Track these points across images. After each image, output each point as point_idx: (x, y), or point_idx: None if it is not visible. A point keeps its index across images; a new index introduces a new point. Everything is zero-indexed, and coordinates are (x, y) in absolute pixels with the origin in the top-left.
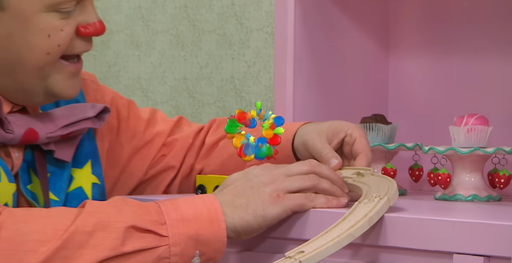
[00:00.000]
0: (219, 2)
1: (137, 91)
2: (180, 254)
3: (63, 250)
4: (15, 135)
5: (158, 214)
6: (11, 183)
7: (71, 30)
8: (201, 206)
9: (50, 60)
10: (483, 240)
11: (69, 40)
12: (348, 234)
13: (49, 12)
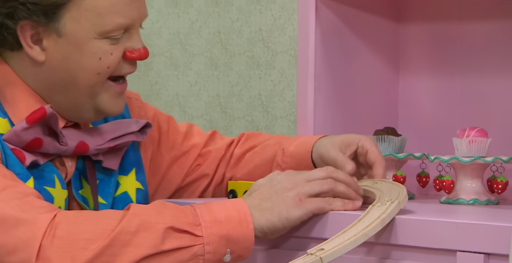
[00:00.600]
0: (248, 28)
1: (175, 107)
2: (213, 252)
3: (110, 248)
4: (69, 147)
5: (193, 217)
6: (64, 190)
7: (119, 54)
8: (232, 209)
9: (100, 80)
10: (483, 239)
11: (117, 63)
12: (363, 234)
13: (100, 39)
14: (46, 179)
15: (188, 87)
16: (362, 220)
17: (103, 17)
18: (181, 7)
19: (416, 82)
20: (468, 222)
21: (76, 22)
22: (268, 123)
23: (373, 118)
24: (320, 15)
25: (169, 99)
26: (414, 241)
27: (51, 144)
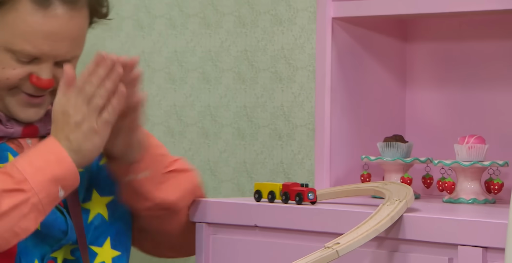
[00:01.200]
0: (271, 46)
1: (207, 116)
2: (47, 196)
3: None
4: (15, 129)
5: (18, 174)
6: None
7: (23, 73)
8: (48, 153)
9: (2, 86)
10: (482, 234)
11: (18, 80)
12: (374, 229)
13: (7, 52)
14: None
15: (218, 99)
16: (374, 217)
17: (15, 38)
18: (212, 28)
19: (421, 94)
20: (468, 219)
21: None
22: (289, 131)
23: (383, 126)
24: (335, 35)
25: (201, 109)
26: (419, 236)
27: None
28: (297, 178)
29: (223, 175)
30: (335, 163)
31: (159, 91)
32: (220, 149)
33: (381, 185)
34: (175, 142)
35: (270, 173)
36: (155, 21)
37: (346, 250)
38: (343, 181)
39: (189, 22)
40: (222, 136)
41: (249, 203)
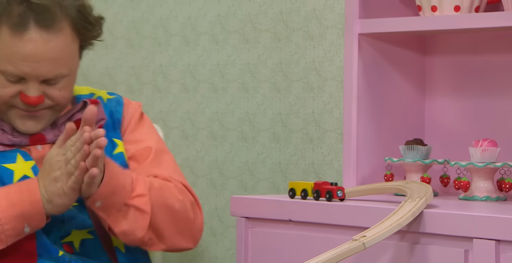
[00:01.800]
0: (304, 59)
1: (246, 122)
2: (12, 229)
3: None
4: (22, 138)
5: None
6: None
7: (13, 91)
8: (25, 193)
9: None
10: (494, 228)
11: (9, 97)
12: (397, 224)
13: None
14: (7, 157)
15: (256, 107)
16: (397, 213)
17: (1, 59)
18: (251, 43)
19: (439, 102)
20: (482, 215)
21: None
22: (319, 135)
23: (404, 131)
24: (362, 49)
25: (241, 116)
26: (438, 229)
27: (3, 136)
28: (327, 178)
29: (260, 174)
30: (361, 164)
31: (203, 100)
32: (257, 151)
33: (403, 184)
34: (217, 145)
35: (302, 173)
36: (200, 37)
37: (371, 242)
38: (368, 180)
39: (230, 38)
40: (259, 140)
41: (284, 200)
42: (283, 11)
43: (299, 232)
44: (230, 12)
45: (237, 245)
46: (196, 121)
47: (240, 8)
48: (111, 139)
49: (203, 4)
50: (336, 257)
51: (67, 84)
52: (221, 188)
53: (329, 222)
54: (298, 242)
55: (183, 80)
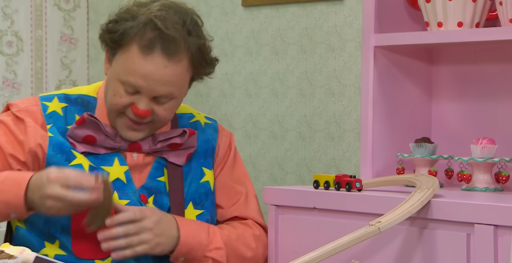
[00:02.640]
0: (326, 68)
1: (276, 123)
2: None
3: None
4: (122, 144)
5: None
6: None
7: (127, 101)
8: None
9: (113, 109)
10: (493, 215)
11: (123, 106)
12: (408, 211)
13: (119, 83)
14: (105, 160)
15: (284, 109)
16: (408, 202)
17: (124, 72)
18: (280, 55)
19: (444, 106)
20: (481, 203)
21: (117, 62)
22: (339, 134)
23: (414, 131)
24: (377, 60)
25: (271, 118)
26: (444, 216)
27: (106, 141)
28: (346, 171)
29: (288, 168)
30: (376, 159)
31: (238, 104)
32: (285, 148)
33: (413, 176)
34: (251, 143)
35: (325, 167)
36: (236, 49)
37: (386, 227)
38: (382, 173)
39: (262, 50)
40: (287, 138)
41: (309, 190)
42: (308, 27)
43: (322, 218)
44: (262, 28)
45: (269, 229)
46: (232, 122)
47: (271, 25)
48: (201, 167)
49: (239, 21)
50: (355, 240)
51: (173, 106)
52: (254, 180)
53: (348, 210)
54: (321, 227)
55: (221, 87)
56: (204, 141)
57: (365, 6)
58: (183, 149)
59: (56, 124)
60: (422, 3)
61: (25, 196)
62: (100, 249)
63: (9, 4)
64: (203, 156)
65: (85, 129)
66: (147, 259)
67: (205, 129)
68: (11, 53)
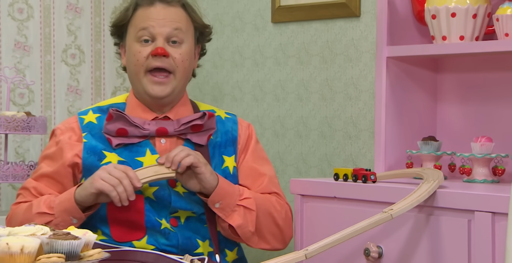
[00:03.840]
0: (344, 76)
1: (300, 124)
2: (62, 220)
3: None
4: (150, 131)
5: (51, 202)
6: (153, 155)
7: (146, 52)
8: (68, 194)
9: (138, 70)
10: (491, 203)
11: (144, 58)
12: (417, 200)
13: (136, 42)
14: (139, 152)
15: (308, 112)
16: (416, 192)
17: (136, 28)
18: (304, 64)
19: (447, 108)
20: (481, 193)
21: (129, 33)
22: (356, 133)
23: (421, 130)
24: (389, 69)
25: (297, 119)
26: (448, 204)
27: (136, 130)
28: (362, 165)
29: (311, 163)
30: (388, 155)
31: (268, 107)
32: (309, 145)
33: (420, 170)
34: (279, 141)
35: (343, 162)
36: (266, 60)
37: (397, 214)
38: (394, 167)
39: (289, 61)
40: (311, 137)
41: (330, 182)
42: (329, 40)
43: (341, 206)
44: (289, 41)
45: (295, 215)
46: (263, 122)
47: (296, 39)
48: (221, 155)
49: (269, 36)
50: (370, 225)
51: (185, 51)
52: (282, 173)
53: (364, 199)
54: (341, 214)
55: (253, 92)
56: (224, 133)
57: (379, 22)
58: (204, 131)
59: (91, 131)
60: (429, 19)
61: (74, 197)
62: (134, 232)
63: (73, 22)
64: (224, 145)
65: (115, 123)
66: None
67: (225, 122)
68: (74, 64)
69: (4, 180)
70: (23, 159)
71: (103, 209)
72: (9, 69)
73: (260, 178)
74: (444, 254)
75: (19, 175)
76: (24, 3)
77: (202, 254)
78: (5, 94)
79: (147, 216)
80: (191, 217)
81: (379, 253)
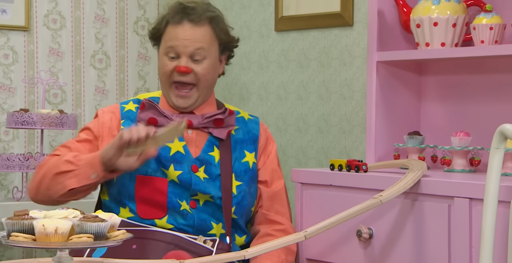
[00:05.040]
0: (339, 78)
1: (300, 120)
2: (83, 171)
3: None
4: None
5: (79, 155)
6: (180, 142)
7: (171, 66)
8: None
9: (165, 80)
10: (468, 190)
11: (170, 71)
12: (403, 187)
13: (165, 55)
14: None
15: (307, 109)
16: (403, 180)
17: (165, 43)
18: (304, 68)
19: (430, 106)
20: (459, 181)
21: (161, 44)
22: (349, 129)
23: (407, 126)
24: (378, 71)
25: (297, 116)
26: (430, 191)
27: (165, 121)
28: (355, 157)
29: (310, 154)
30: (378, 148)
31: (272, 105)
32: (308, 139)
33: (406, 161)
34: (281, 135)
35: (338, 154)
36: (270, 64)
37: (386, 200)
38: (383, 158)
39: (290, 65)
40: (309, 132)
41: (327, 171)
42: (325, 47)
43: (337, 193)
44: (290, 47)
45: (295, 201)
46: (267, 119)
47: (296, 45)
48: (243, 150)
49: (273, 42)
50: (362, 209)
51: (208, 66)
52: (284, 163)
53: (357, 186)
54: (336, 200)
55: (259, 92)
56: (246, 132)
57: (369, 30)
58: (224, 126)
59: (130, 117)
60: (414, 28)
61: (100, 152)
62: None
63: (100, 31)
64: (246, 143)
65: (147, 112)
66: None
67: (247, 123)
68: (101, 68)
69: None
70: None
71: (132, 189)
72: (44, 72)
73: (279, 180)
74: (427, 235)
75: None
76: (57, 15)
77: (215, 235)
78: (41, 94)
79: (169, 198)
80: (209, 201)
81: (369, 234)
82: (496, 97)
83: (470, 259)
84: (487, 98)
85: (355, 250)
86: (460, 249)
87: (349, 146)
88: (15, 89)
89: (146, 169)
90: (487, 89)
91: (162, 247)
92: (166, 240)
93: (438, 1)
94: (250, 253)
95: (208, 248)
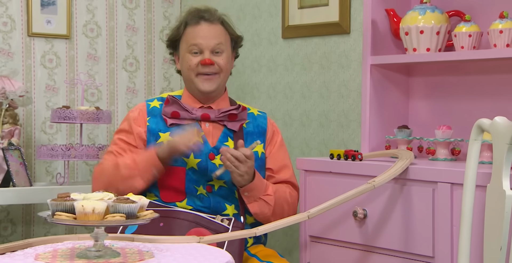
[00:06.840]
0: (338, 79)
1: (304, 116)
2: (146, 170)
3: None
4: (197, 115)
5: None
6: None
7: (196, 61)
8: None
9: (190, 73)
10: (450, 176)
11: (195, 65)
12: (393, 174)
13: (188, 53)
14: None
15: (310, 106)
16: (393, 167)
17: (187, 43)
18: (307, 69)
19: (417, 104)
20: (442, 168)
21: (181, 47)
22: (347, 123)
23: (396, 120)
24: (372, 73)
25: (302, 112)
26: (417, 177)
27: (186, 114)
28: (351, 147)
29: (312, 146)
30: (372, 140)
31: (279, 103)
32: (311, 132)
33: (396, 151)
34: (287, 129)
35: (337, 145)
36: (278, 67)
37: (379, 184)
38: (375, 149)
39: (295, 67)
40: (312, 126)
41: (327, 160)
42: (326, 52)
43: (335, 179)
44: (295, 52)
45: (300, 186)
46: (276, 115)
47: (301, 50)
48: (253, 141)
49: (280, 48)
50: (357, 193)
51: (227, 58)
52: (290, 153)
53: (353, 173)
54: (335, 185)
55: (268, 92)
56: (256, 126)
57: (364, 38)
58: (237, 120)
59: (154, 113)
60: (403, 35)
61: (156, 153)
62: (177, 196)
63: (131, 38)
64: (256, 135)
65: (171, 107)
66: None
67: (257, 118)
68: (131, 70)
69: (79, 158)
70: (94, 143)
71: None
72: (83, 74)
73: (285, 168)
74: (414, 215)
75: (91, 154)
76: (94, 24)
77: (229, 215)
78: (80, 93)
79: (186, 184)
80: (223, 186)
81: (364, 214)
82: (474, 95)
83: (452, 236)
84: (466, 96)
85: (351, 228)
86: (442, 227)
87: (346, 138)
88: (58, 89)
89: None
90: (466, 88)
91: (185, 225)
92: (188, 219)
93: (424, 12)
94: (261, 231)
95: (225, 226)
